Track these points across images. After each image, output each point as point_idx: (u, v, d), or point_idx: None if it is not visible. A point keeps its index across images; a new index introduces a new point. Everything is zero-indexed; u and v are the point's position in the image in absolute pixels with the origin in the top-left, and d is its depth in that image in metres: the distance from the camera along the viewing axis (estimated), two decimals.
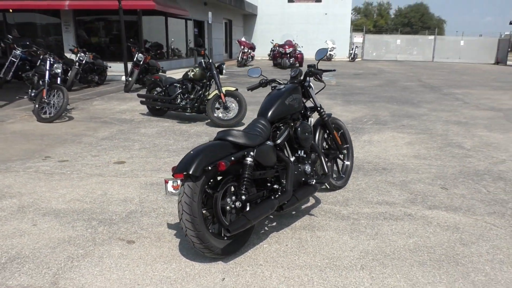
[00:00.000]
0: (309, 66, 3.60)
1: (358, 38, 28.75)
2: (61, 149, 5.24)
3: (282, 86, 3.39)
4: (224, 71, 6.90)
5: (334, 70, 3.83)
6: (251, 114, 7.59)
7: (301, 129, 3.26)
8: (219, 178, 2.77)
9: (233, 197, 2.72)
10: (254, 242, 2.93)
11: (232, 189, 2.76)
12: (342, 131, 3.99)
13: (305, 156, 3.38)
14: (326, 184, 3.59)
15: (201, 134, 6.20)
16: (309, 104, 3.71)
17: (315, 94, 3.68)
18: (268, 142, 3.00)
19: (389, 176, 4.36)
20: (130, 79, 10.63)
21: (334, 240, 2.96)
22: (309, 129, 3.33)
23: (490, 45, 28.08)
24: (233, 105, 6.73)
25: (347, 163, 4.05)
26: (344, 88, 12.01)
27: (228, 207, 2.69)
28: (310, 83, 3.61)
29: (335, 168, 4.00)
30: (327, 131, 3.79)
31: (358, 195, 3.81)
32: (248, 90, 3.78)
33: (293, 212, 3.43)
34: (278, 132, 3.22)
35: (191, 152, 2.61)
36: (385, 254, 2.77)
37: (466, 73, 19.06)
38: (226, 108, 6.68)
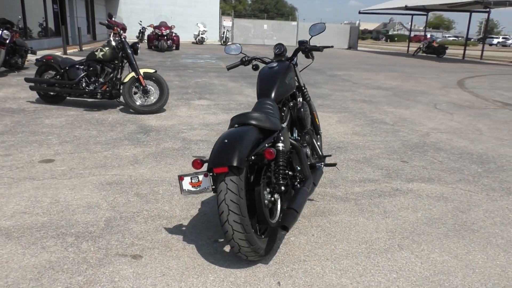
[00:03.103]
0: (301, 42, 3.35)
1: (227, 22, 28.95)
2: None
3: (275, 64, 3.09)
4: (138, 51, 6.14)
5: (332, 47, 3.65)
6: (172, 101, 6.98)
7: (303, 109, 3.03)
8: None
9: (268, 189, 2.39)
10: (278, 237, 2.63)
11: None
12: (314, 112, 3.86)
13: (299, 138, 3.17)
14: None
15: (124, 122, 5.44)
16: None
17: (299, 72, 3.47)
18: (283, 125, 2.71)
19: (349, 154, 4.41)
20: None
21: (353, 224, 2.84)
22: (308, 109, 3.12)
23: (344, 32, 31.09)
24: (153, 88, 6.06)
25: (318, 143, 3.96)
26: (238, 71, 11.93)
27: (266, 201, 2.35)
28: (297, 61, 3.38)
29: None
30: None
31: (338, 175, 3.76)
32: (228, 69, 3.37)
33: None
34: (282, 114, 2.94)
35: (225, 141, 2.19)
36: (409, 231, 2.76)
37: (333, 56, 20.77)
38: (146, 93, 5.98)
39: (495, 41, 63.51)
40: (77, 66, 6.16)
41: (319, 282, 2.18)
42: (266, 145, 2.34)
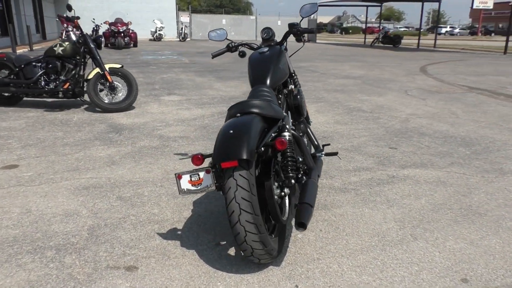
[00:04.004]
0: (292, 25, 3.13)
1: (185, 18, 28.34)
2: None
3: (265, 49, 2.87)
4: (102, 45, 5.73)
5: (326, 25, 3.43)
6: (140, 97, 6.58)
7: (300, 96, 2.84)
8: None
9: (276, 183, 2.17)
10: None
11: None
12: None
13: (293, 128, 2.97)
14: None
15: (91, 122, 5.04)
16: None
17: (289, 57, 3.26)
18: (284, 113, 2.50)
19: (336, 143, 4.27)
20: None
21: (359, 215, 2.68)
22: (304, 96, 2.93)
23: (302, 25, 31.17)
24: (120, 85, 5.68)
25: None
26: (203, 66, 11.61)
27: (276, 196, 2.13)
28: (286, 46, 3.17)
29: None
30: None
31: (330, 165, 3.59)
32: (212, 57, 3.11)
33: None
34: (279, 102, 2.73)
35: (231, 131, 1.94)
36: (418, 220, 2.63)
37: (295, 48, 20.71)
38: (113, 89, 5.59)
39: (443, 30, 66.13)
40: (33, 63, 5.67)
41: (339, 282, 1.99)
42: (273, 134, 2.12)
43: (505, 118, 5.49)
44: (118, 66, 5.59)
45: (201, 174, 1.98)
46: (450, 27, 70.81)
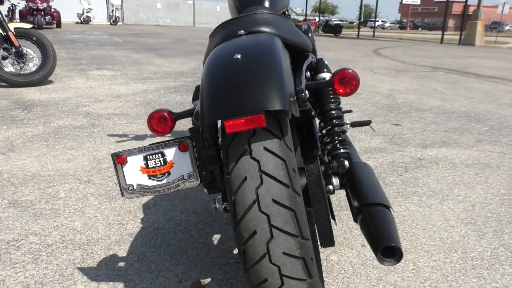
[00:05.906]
0: None
1: (116, 0, 26.11)
2: None
3: None
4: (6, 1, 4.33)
5: None
6: (61, 72, 5.21)
7: (311, 34, 1.84)
8: None
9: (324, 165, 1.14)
10: None
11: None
12: None
13: None
14: None
15: None
16: None
17: None
18: None
19: None
20: None
21: (407, 217, 1.74)
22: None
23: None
24: (32, 51, 4.31)
25: None
26: (141, 45, 10.22)
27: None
28: None
29: None
30: None
31: None
32: None
33: None
34: None
35: (237, 56, 0.89)
36: (494, 220, 1.74)
37: None
38: (20, 56, 4.22)
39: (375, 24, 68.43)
40: None
41: None
42: (308, 73, 1.11)
43: (492, 94, 4.88)
44: (27, 26, 4.23)
45: (170, 152, 0.94)
46: (382, 21, 73.49)
